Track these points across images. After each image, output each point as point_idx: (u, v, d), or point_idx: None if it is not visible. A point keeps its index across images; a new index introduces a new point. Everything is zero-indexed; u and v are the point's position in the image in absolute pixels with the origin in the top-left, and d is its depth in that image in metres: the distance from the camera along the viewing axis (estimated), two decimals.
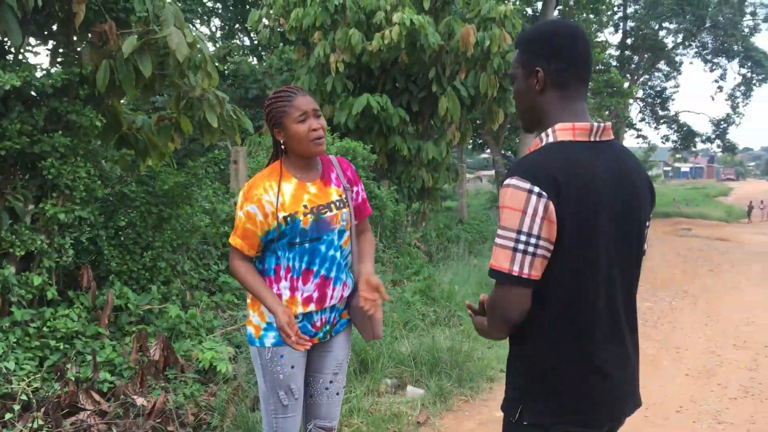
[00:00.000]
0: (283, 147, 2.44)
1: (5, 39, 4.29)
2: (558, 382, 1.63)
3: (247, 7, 19.98)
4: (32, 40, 4.71)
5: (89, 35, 4.51)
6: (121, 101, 5.23)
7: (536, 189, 1.52)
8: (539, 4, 18.73)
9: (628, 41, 28.58)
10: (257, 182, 2.41)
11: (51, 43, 4.78)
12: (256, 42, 20.61)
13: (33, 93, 4.28)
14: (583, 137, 1.62)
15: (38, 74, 4.20)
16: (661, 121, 32.16)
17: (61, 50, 4.73)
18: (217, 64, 5.14)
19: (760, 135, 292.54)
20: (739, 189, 58.50)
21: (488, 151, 28.17)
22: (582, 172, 1.57)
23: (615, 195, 1.62)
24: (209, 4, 17.88)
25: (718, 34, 27.83)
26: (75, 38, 4.68)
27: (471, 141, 19.53)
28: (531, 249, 1.53)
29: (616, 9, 26.77)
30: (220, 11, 19.82)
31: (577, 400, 1.63)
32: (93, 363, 3.72)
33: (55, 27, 4.68)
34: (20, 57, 4.37)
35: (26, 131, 4.14)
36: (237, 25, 20.54)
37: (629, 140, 34.23)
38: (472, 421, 4.17)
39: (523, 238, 1.53)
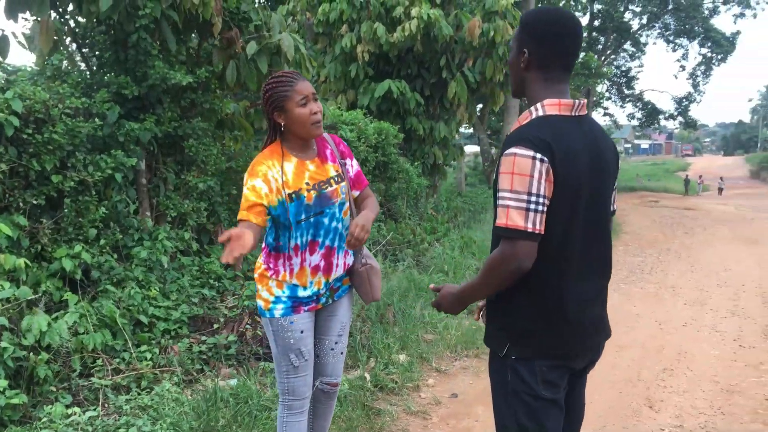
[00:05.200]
0: (282, 129, 2.52)
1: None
2: (547, 323, 1.86)
3: None
4: None
5: (210, 40, 5.57)
6: None
7: (538, 155, 1.74)
8: None
9: (596, 23, 30.04)
10: (260, 161, 2.48)
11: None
12: None
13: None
14: (567, 112, 1.87)
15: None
16: (627, 99, 33.84)
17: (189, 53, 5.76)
18: None
19: (715, 112, 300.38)
20: (697, 164, 61.13)
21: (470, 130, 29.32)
22: (566, 141, 1.80)
23: (590, 160, 1.86)
24: None
25: (680, 16, 29.46)
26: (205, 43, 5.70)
27: None
28: (540, 207, 1.75)
29: None
30: None
31: (555, 337, 1.87)
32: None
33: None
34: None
35: (174, 118, 5.20)
36: None
37: (596, 118, 35.72)
38: None
39: (533, 198, 1.74)
